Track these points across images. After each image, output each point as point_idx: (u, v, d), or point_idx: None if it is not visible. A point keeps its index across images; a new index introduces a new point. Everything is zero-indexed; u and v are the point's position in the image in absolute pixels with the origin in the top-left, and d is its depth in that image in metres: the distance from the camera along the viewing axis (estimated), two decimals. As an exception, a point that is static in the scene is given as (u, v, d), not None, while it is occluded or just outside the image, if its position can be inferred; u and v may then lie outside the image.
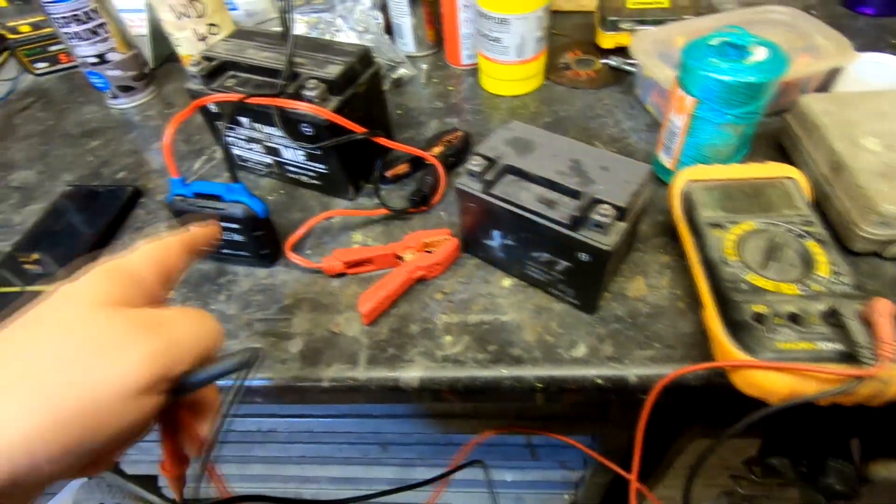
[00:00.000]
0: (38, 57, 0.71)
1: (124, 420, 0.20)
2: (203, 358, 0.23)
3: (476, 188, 0.37)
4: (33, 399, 0.18)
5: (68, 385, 0.19)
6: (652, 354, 0.36)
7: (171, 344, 0.21)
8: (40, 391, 0.19)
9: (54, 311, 0.21)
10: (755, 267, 0.34)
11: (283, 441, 0.63)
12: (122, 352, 0.20)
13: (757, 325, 0.31)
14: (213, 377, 0.23)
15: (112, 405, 0.19)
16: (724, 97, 0.38)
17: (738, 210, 0.38)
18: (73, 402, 0.19)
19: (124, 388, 0.20)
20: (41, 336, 0.20)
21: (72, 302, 0.21)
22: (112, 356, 0.20)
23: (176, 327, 0.22)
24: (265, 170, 0.52)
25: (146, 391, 0.20)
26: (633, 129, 0.54)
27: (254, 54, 0.46)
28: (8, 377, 0.19)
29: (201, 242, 0.30)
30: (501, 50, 0.56)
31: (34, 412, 0.18)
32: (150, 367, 0.20)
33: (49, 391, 0.19)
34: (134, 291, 0.23)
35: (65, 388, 0.19)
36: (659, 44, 0.53)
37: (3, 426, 0.18)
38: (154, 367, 0.20)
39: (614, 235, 0.33)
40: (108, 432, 0.19)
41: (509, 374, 0.36)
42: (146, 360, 0.20)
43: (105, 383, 0.19)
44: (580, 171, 0.35)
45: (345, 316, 0.40)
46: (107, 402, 0.19)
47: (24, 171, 0.58)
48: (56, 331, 0.20)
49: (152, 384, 0.20)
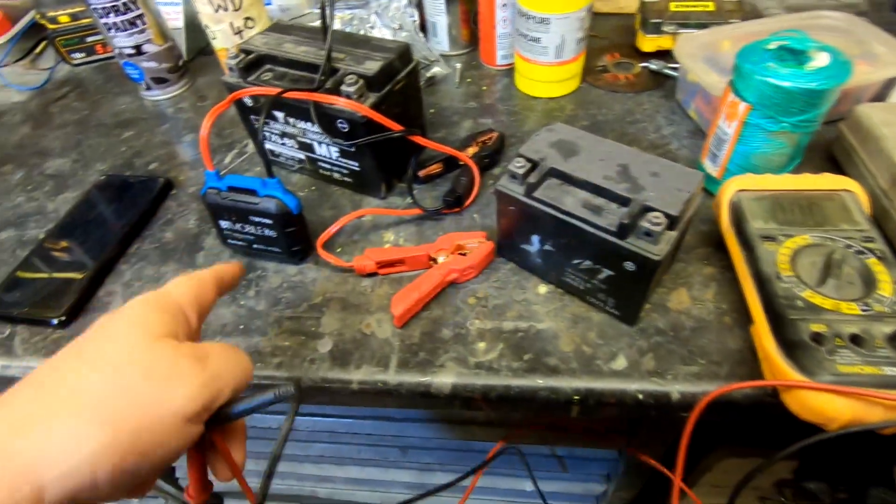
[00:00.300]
0: (76, 47, 0.72)
1: (173, 444, 0.21)
2: (239, 390, 0.25)
3: (517, 191, 0.36)
4: (99, 420, 0.20)
5: (130, 408, 0.20)
6: (696, 371, 0.34)
7: (214, 377, 0.23)
8: (105, 413, 0.20)
9: (113, 340, 0.23)
10: (811, 283, 0.33)
11: (302, 440, 0.62)
12: (178, 381, 0.22)
13: (815, 345, 0.30)
14: (251, 410, 0.24)
15: (166, 430, 0.21)
16: (781, 104, 0.36)
17: (791, 223, 0.36)
18: (135, 425, 0.20)
19: (179, 415, 0.21)
20: (104, 362, 0.22)
21: (130, 332, 0.23)
22: (170, 384, 0.22)
23: (217, 361, 0.24)
24: (297, 165, 0.52)
25: (194, 419, 0.22)
26: (675, 136, 0.53)
27: (291, 48, 0.46)
28: (76, 400, 0.20)
29: (228, 279, 0.32)
30: (540, 50, 0.55)
31: (100, 432, 0.19)
32: (200, 397, 0.22)
33: (113, 414, 0.20)
34: (179, 324, 0.25)
35: (127, 411, 0.20)
36: (704, 48, 0.51)
37: (71, 445, 0.19)
38: (203, 397, 0.22)
39: (664, 245, 0.32)
40: (160, 455, 0.21)
41: (545, 385, 0.35)
42: (197, 390, 0.22)
43: (163, 409, 0.21)
44: (628, 176, 0.34)
45: (376, 317, 0.40)
46: (162, 426, 0.21)
47: (59, 159, 0.58)
48: (117, 358, 0.22)
49: (200, 413, 0.22)
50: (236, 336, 0.39)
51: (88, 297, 0.43)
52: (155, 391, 0.21)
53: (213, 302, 0.29)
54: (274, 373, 0.37)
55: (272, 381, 0.37)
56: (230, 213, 0.41)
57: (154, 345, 0.23)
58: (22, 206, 0.53)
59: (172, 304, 0.25)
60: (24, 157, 0.59)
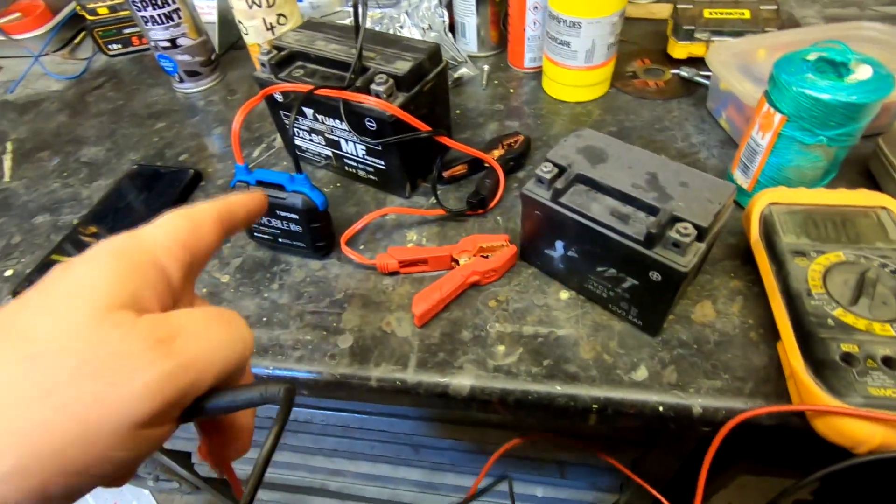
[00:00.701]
0: (113, 38, 0.74)
1: (122, 456, 0.16)
2: (228, 373, 0.19)
3: (544, 196, 0.36)
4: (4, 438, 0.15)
5: (54, 417, 0.15)
6: (720, 386, 0.34)
7: (185, 364, 0.17)
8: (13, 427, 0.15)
9: (48, 313, 0.17)
10: (843, 302, 0.32)
11: (316, 433, 0.63)
12: (126, 378, 0.16)
13: (845, 366, 0.29)
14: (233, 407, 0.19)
15: (107, 441, 0.16)
16: (819, 117, 0.36)
17: (824, 239, 0.35)
18: (58, 440, 0.15)
19: (125, 422, 0.16)
20: (25, 349, 0.16)
21: (71, 302, 0.17)
22: (115, 379, 0.16)
23: (192, 341, 0.18)
24: (323, 161, 0.52)
25: (150, 424, 0.16)
26: (704, 145, 0.52)
27: (323, 46, 0.46)
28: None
29: (241, 215, 0.24)
30: (570, 54, 0.54)
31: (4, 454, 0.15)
32: (157, 396, 0.16)
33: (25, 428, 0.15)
34: (153, 287, 0.19)
35: (48, 422, 0.15)
36: (739, 56, 0.51)
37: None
38: (163, 395, 0.16)
39: (691, 256, 0.31)
40: (108, 469, 0.16)
41: (564, 392, 0.35)
42: (154, 388, 0.16)
43: (103, 414, 0.16)
44: (657, 185, 0.33)
45: (396, 315, 0.40)
46: (101, 437, 0.16)
47: (93, 147, 0.60)
48: (46, 343, 0.16)
49: (159, 415, 0.17)
50: (259, 328, 0.40)
51: (118, 284, 0.44)
52: (94, 390, 0.16)
53: (215, 245, 0.22)
54: (294, 366, 0.38)
55: (291, 373, 0.38)
56: (257, 207, 0.42)
57: (101, 322, 0.17)
58: (57, 191, 0.54)
59: (143, 257, 0.19)
60: (61, 144, 0.61)
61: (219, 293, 0.43)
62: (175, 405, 0.17)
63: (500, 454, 0.56)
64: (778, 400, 0.32)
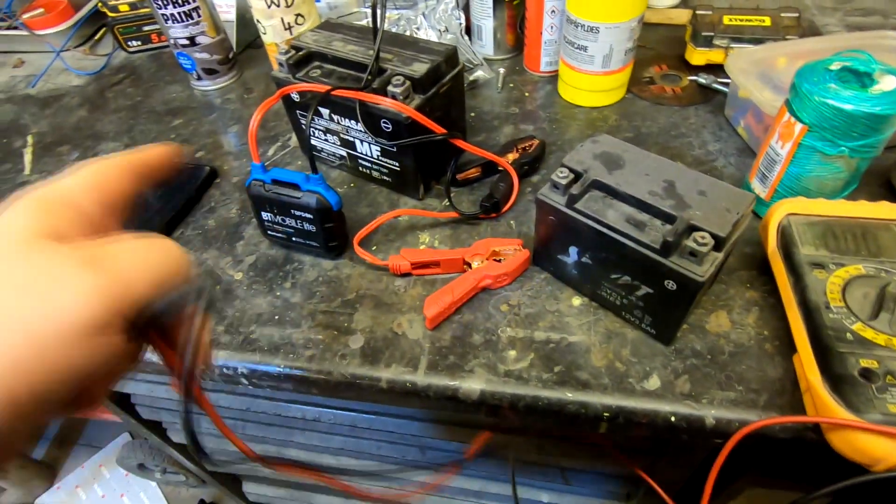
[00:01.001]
0: (133, 35, 0.75)
1: (79, 361, 0.18)
2: (163, 285, 0.20)
3: (559, 201, 0.36)
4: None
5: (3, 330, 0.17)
6: (734, 397, 0.33)
7: (118, 278, 0.19)
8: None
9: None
10: (863, 316, 0.31)
11: (324, 431, 0.63)
12: (62, 290, 0.18)
13: (864, 381, 0.28)
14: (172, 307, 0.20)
15: (56, 347, 0.17)
16: (841, 127, 0.35)
17: (843, 251, 0.35)
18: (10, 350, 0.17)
19: (71, 328, 0.17)
20: None
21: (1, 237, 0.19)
22: (52, 295, 0.17)
23: (124, 258, 0.19)
24: (337, 162, 0.52)
25: (97, 330, 0.18)
26: (722, 153, 0.51)
27: (340, 47, 0.46)
28: None
29: (154, 165, 0.26)
30: (586, 59, 0.54)
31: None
32: (96, 304, 0.18)
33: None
34: (71, 222, 0.20)
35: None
36: (759, 64, 0.50)
37: None
38: (102, 304, 0.18)
39: (708, 266, 0.31)
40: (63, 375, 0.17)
41: (575, 399, 0.35)
42: (91, 297, 0.18)
43: (43, 325, 0.17)
44: (675, 193, 0.33)
45: (407, 317, 0.40)
46: (48, 344, 0.17)
47: (111, 142, 0.60)
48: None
49: (103, 323, 0.18)
50: (270, 326, 0.40)
51: (133, 278, 0.45)
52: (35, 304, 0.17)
53: (130, 191, 0.24)
54: (305, 365, 0.38)
55: (301, 372, 0.38)
56: (272, 206, 0.42)
57: (31, 249, 0.18)
58: (75, 185, 0.55)
59: (60, 198, 0.21)
60: (80, 138, 0.62)
61: (232, 290, 0.43)
62: (115, 313, 0.18)
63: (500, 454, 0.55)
64: (793, 413, 0.32)
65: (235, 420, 0.65)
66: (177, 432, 0.75)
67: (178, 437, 0.75)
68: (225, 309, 0.42)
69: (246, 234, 0.48)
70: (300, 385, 0.39)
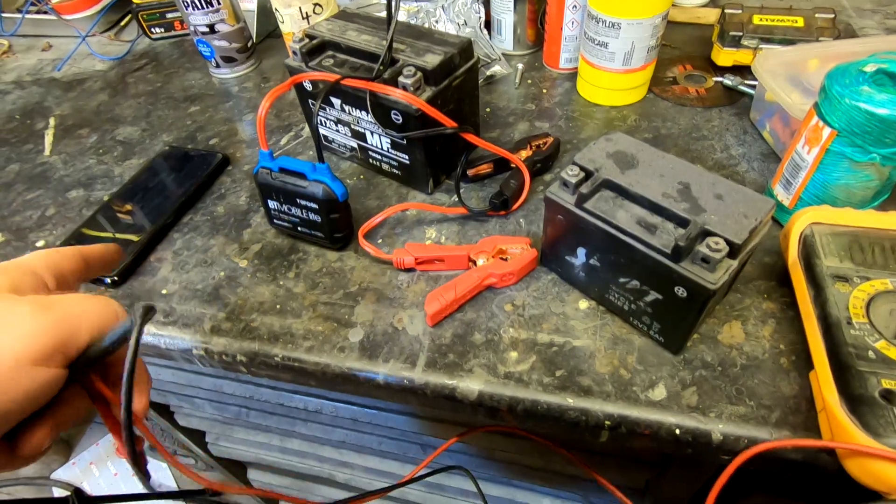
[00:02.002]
0: (156, 22, 0.76)
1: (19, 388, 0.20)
2: (102, 329, 0.24)
3: (568, 200, 0.34)
4: None
5: None
6: (743, 412, 0.32)
7: (63, 319, 0.22)
8: None
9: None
10: (887, 335, 0.29)
11: (326, 423, 0.63)
12: (11, 325, 0.21)
13: (885, 403, 0.27)
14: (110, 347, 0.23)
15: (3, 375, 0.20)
16: (873, 133, 0.33)
17: (870, 265, 0.33)
18: None
19: (16, 358, 0.20)
20: None
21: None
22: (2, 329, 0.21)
23: (68, 304, 0.23)
24: (348, 153, 0.52)
25: (38, 362, 0.21)
26: (745, 157, 0.49)
27: (354, 37, 0.46)
28: None
29: (97, 259, 0.31)
30: (607, 56, 0.52)
31: None
32: (42, 337, 0.21)
33: None
34: (28, 283, 0.25)
35: None
36: (788, 66, 0.48)
37: None
38: (44, 339, 0.21)
39: (721, 273, 0.29)
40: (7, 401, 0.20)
41: (576, 405, 0.33)
42: (35, 332, 0.21)
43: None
44: (689, 196, 0.32)
45: (408, 312, 0.39)
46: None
47: (129, 126, 0.61)
48: None
49: (44, 355, 0.21)
50: (271, 315, 0.40)
51: (140, 261, 0.45)
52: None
53: (77, 270, 0.28)
54: (304, 356, 0.37)
55: (299, 363, 0.37)
56: (279, 194, 0.42)
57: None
58: (92, 168, 0.56)
59: (19, 265, 0.25)
60: (100, 122, 0.62)
61: (236, 277, 0.43)
62: (56, 349, 0.22)
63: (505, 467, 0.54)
64: (806, 433, 0.30)
65: (239, 407, 0.65)
66: (184, 416, 0.76)
67: (186, 421, 0.76)
68: (228, 296, 0.42)
69: (253, 223, 0.48)
70: (298, 376, 0.38)
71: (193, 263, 0.45)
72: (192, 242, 0.46)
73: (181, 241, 0.47)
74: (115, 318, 0.24)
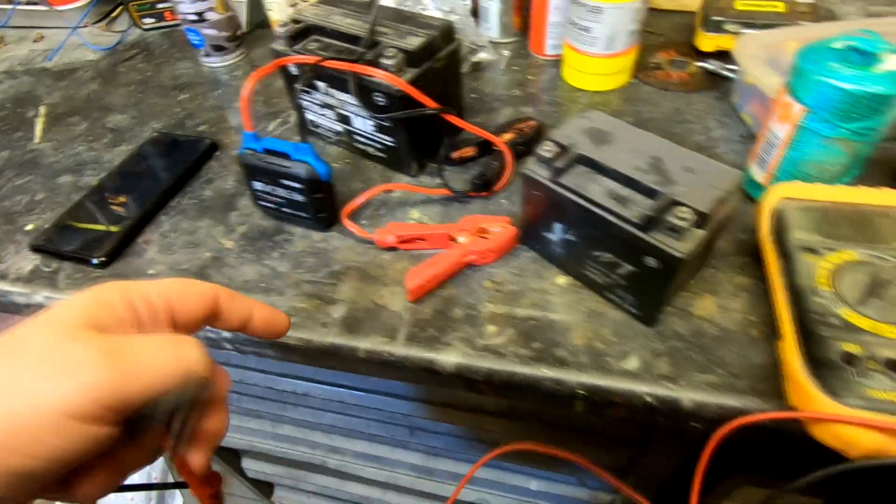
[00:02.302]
0: (147, 13, 0.76)
1: (55, 443, 0.19)
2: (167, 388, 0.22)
3: (543, 175, 0.35)
4: None
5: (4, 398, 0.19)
6: (713, 381, 0.33)
7: (126, 372, 0.20)
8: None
9: (32, 328, 0.21)
10: (851, 302, 0.30)
11: (315, 407, 0.63)
12: (72, 373, 0.19)
13: (846, 365, 0.27)
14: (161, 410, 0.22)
15: (43, 426, 0.19)
16: (842, 108, 0.34)
17: (838, 237, 0.34)
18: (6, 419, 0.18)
19: (58, 411, 0.19)
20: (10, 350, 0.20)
21: (50, 320, 0.21)
22: (61, 376, 0.19)
23: (140, 355, 0.21)
24: (335, 137, 0.53)
25: (86, 419, 0.19)
26: (724, 139, 0.50)
27: (339, 20, 0.46)
28: None
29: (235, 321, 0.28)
30: (590, 40, 0.53)
31: None
32: (90, 395, 0.19)
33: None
34: (114, 316, 0.22)
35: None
36: (768, 49, 0.48)
37: None
38: (96, 396, 0.19)
39: (689, 243, 0.30)
40: (42, 456, 0.19)
41: (551, 376, 0.34)
42: (94, 384, 0.19)
43: (42, 402, 0.19)
44: (660, 169, 0.32)
45: (390, 289, 0.40)
46: (38, 422, 0.18)
47: (119, 114, 0.62)
48: (20, 346, 0.20)
49: (93, 413, 0.19)
50: (256, 294, 0.41)
51: (128, 243, 0.46)
52: (40, 382, 0.19)
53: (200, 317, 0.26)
54: (288, 332, 0.38)
55: (283, 339, 0.38)
56: (263, 175, 0.42)
57: (63, 335, 0.20)
58: (82, 154, 0.56)
59: (119, 295, 0.23)
60: (90, 110, 0.63)
61: (222, 257, 0.44)
62: (109, 407, 0.20)
63: (492, 457, 0.55)
64: (773, 399, 0.31)
65: (230, 392, 0.66)
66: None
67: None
68: (213, 276, 0.42)
69: (240, 205, 0.48)
70: (281, 352, 0.39)
71: (180, 245, 0.45)
72: (179, 225, 0.47)
73: (168, 224, 0.47)
74: (188, 374, 0.22)
